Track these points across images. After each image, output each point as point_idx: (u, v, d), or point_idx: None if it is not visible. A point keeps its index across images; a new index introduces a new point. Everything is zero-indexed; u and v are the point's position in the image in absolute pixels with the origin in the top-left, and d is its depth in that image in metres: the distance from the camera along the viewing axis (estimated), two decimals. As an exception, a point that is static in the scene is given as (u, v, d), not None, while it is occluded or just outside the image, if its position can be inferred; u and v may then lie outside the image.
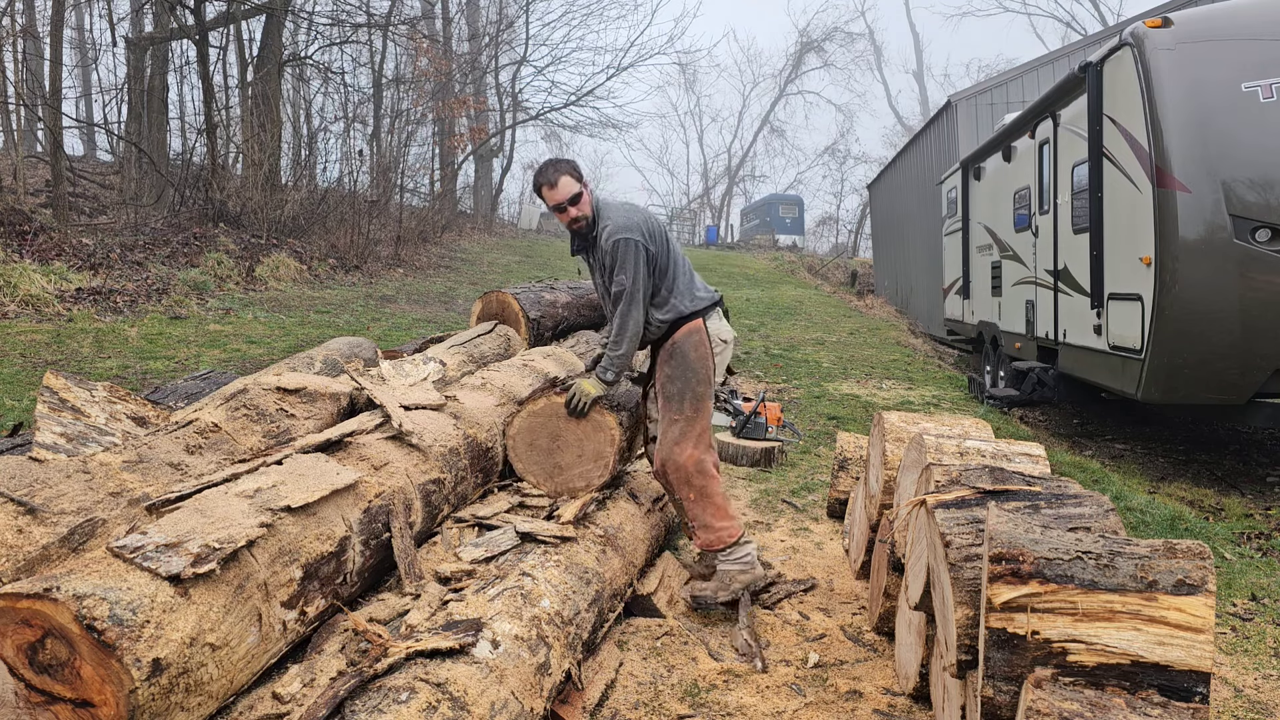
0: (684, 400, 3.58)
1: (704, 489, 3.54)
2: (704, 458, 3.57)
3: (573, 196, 3.54)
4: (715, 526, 3.56)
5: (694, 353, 3.60)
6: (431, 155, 26.97)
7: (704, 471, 3.55)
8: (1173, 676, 2.03)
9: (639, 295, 3.53)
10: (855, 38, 52.43)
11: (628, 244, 3.50)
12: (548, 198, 3.56)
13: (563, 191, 3.53)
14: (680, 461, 3.53)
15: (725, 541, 3.57)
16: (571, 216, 3.57)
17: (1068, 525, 2.41)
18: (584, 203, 3.58)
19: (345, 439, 3.29)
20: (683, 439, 3.55)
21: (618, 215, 3.57)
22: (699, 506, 3.54)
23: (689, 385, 3.58)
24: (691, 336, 3.62)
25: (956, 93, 16.22)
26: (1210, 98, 5.94)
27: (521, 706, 2.39)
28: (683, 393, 3.58)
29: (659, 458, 3.59)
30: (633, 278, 3.51)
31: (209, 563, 2.17)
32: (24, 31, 16.32)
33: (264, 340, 9.38)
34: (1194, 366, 5.96)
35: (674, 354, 3.61)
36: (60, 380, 3.54)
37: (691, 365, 3.59)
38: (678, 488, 3.57)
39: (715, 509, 3.55)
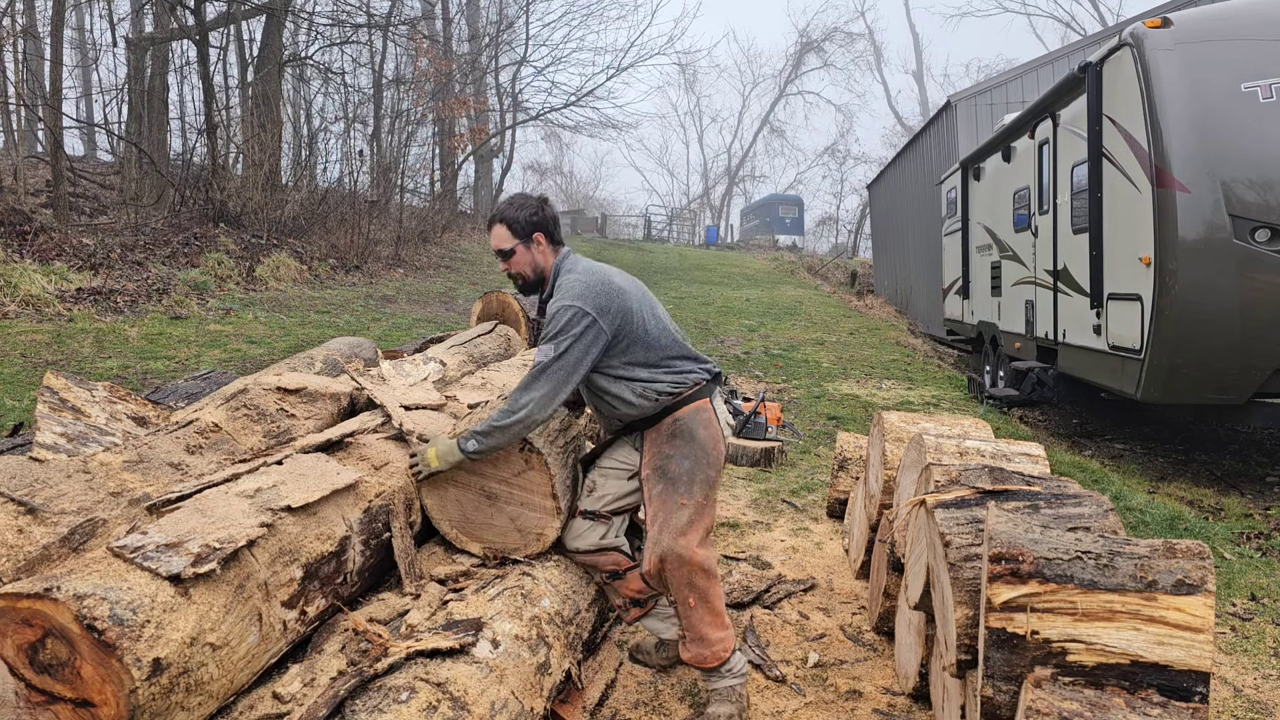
0: (694, 483, 2.88)
1: (706, 593, 2.88)
2: (710, 554, 2.91)
3: (501, 251, 3.01)
4: (712, 639, 2.90)
5: (704, 431, 2.95)
6: (432, 155, 27.00)
7: (709, 571, 2.88)
8: (1172, 676, 2.03)
9: (562, 377, 2.79)
10: (855, 38, 52.50)
11: (568, 312, 2.81)
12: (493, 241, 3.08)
13: (495, 240, 3.03)
14: (687, 556, 2.82)
15: (720, 658, 2.90)
16: (503, 270, 3.06)
17: (1067, 525, 2.41)
18: (518, 261, 3.01)
19: (346, 439, 3.29)
20: (690, 529, 2.84)
21: (576, 282, 2.91)
22: (698, 614, 2.88)
23: (699, 467, 2.91)
24: (700, 414, 2.97)
25: (956, 93, 16.22)
26: (1210, 98, 5.94)
27: (522, 706, 2.39)
28: (693, 474, 2.89)
29: (657, 552, 2.84)
30: (559, 351, 2.79)
31: (209, 562, 2.18)
32: (24, 31, 16.32)
33: (264, 340, 9.38)
34: (1193, 366, 5.96)
35: (678, 432, 2.95)
36: (60, 380, 3.55)
37: (702, 444, 2.94)
38: (677, 589, 2.87)
39: (714, 617, 2.90)
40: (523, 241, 2.98)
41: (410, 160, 23.87)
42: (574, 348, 2.80)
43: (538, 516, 2.98)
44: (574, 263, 3.02)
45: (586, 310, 2.81)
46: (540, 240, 3.00)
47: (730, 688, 2.93)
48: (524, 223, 2.98)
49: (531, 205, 3.02)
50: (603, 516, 3.02)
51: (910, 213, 18.58)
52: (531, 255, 3.00)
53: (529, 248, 2.99)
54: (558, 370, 2.79)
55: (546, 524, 2.97)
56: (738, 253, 34.37)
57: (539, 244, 3.00)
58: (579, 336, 2.80)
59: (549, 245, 3.02)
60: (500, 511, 3.01)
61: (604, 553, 3.04)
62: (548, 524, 2.97)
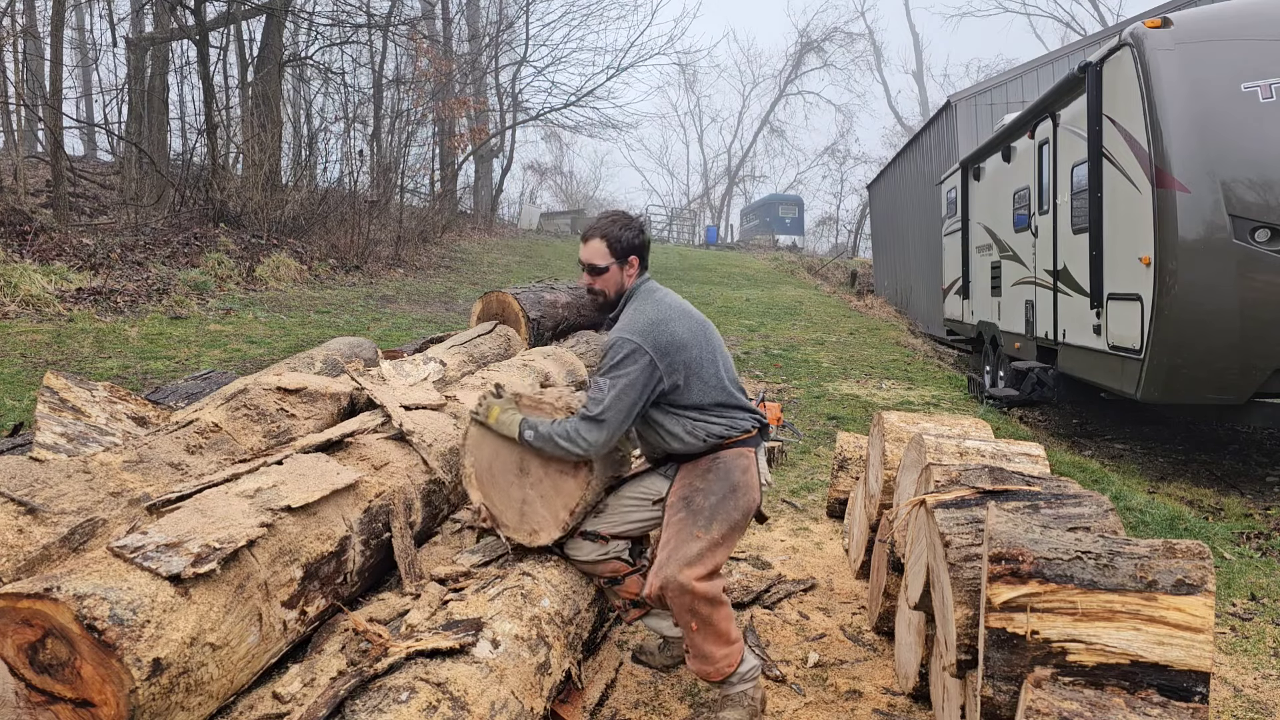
0: (714, 520, 2.84)
1: (709, 618, 2.82)
2: (715, 586, 2.85)
3: (594, 267, 2.98)
4: (715, 657, 2.86)
5: (740, 476, 2.91)
6: (432, 155, 27.02)
7: (713, 599, 2.83)
8: (1172, 676, 2.03)
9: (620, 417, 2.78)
10: (855, 38, 52.46)
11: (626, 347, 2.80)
12: (581, 249, 3.05)
13: (588, 253, 2.99)
14: (689, 587, 2.76)
15: (724, 673, 2.87)
16: (584, 284, 3.05)
17: (1067, 525, 2.41)
18: (607, 280, 2.98)
19: (346, 439, 3.29)
20: (698, 563, 2.78)
21: (642, 316, 2.87)
22: (700, 635, 2.85)
23: (725, 506, 2.86)
24: (741, 460, 2.94)
25: (956, 93, 16.22)
26: (1210, 98, 5.94)
27: (522, 706, 2.39)
28: (715, 512, 2.84)
29: (659, 578, 2.80)
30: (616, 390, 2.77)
31: (209, 562, 2.18)
32: (24, 31, 16.32)
33: (264, 340, 9.38)
34: (1193, 366, 5.96)
35: (715, 468, 2.91)
36: (61, 380, 3.55)
37: (734, 486, 2.89)
38: (678, 614, 2.85)
39: (717, 637, 2.86)
40: (618, 261, 2.96)
41: (410, 160, 23.90)
42: (630, 387, 2.77)
43: (545, 517, 2.96)
44: (649, 291, 2.99)
45: (646, 349, 2.78)
46: (633, 264, 2.99)
47: (742, 693, 2.91)
48: (625, 244, 2.96)
49: (635, 227, 3.00)
50: (603, 538, 3.01)
51: (910, 213, 18.59)
52: (620, 277, 2.98)
53: (621, 269, 2.97)
54: (617, 410, 2.77)
55: (547, 528, 2.97)
56: (738, 253, 34.37)
57: (631, 267, 2.98)
58: (634, 376, 2.77)
59: (637, 270, 3.01)
60: (520, 488, 2.98)
61: (603, 562, 3.04)
62: (548, 529, 2.96)
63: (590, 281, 3.00)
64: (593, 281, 2.99)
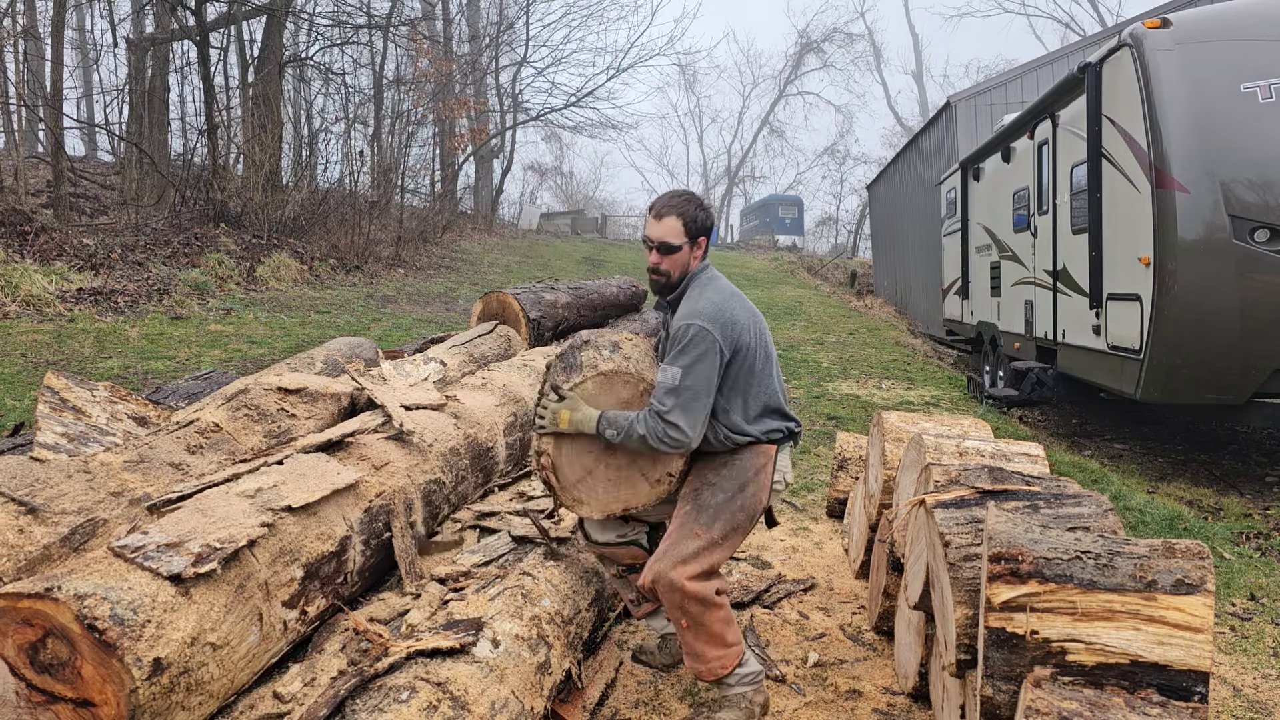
0: (717, 520, 2.79)
1: (700, 618, 2.78)
2: (707, 586, 2.79)
3: (668, 245, 2.85)
4: (707, 657, 2.81)
5: (753, 476, 2.86)
6: (432, 156, 27.03)
7: (704, 600, 2.77)
8: (1172, 676, 2.03)
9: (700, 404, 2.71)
10: (855, 39, 52.52)
11: (694, 330, 2.72)
12: (647, 225, 2.90)
13: (663, 231, 2.85)
14: (678, 585, 2.72)
15: (717, 674, 2.83)
16: (653, 263, 2.89)
17: (1067, 525, 2.41)
18: (676, 260, 2.87)
19: (346, 439, 3.29)
20: (692, 562, 2.74)
21: (710, 302, 2.80)
22: (691, 634, 2.81)
23: (730, 506, 2.81)
24: (758, 459, 2.88)
25: (956, 93, 16.23)
26: (1209, 98, 5.94)
27: (522, 706, 2.39)
28: (720, 511, 2.80)
29: (652, 571, 2.76)
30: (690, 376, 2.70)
31: (210, 562, 2.18)
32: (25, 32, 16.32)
33: (265, 340, 9.39)
34: (1193, 366, 5.96)
35: (729, 465, 2.86)
36: (61, 380, 3.55)
37: (745, 486, 2.84)
38: (669, 610, 2.81)
39: (710, 637, 2.81)
40: (690, 242, 2.88)
41: (410, 161, 23.92)
42: (701, 371, 2.71)
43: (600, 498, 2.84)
44: (711, 276, 2.93)
45: (715, 335, 2.72)
46: (701, 245, 2.92)
47: (740, 695, 2.87)
48: (699, 225, 2.88)
49: (707, 208, 2.95)
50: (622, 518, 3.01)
51: (910, 213, 18.59)
52: (688, 258, 2.90)
53: (691, 250, 2.89)
54: (693, 396, 2.70)
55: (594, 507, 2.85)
56: (738, 253, 34.37)
57: (699, 249, 2.91)
58: (704, 359, 2.71)
59: (704, 253, 2.94)
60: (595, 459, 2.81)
61: (625, 546, 3.03)
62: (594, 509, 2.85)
63: (659, 261, 2.87)
64: (661, 261, 2.87)
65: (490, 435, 4.18)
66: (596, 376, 2.77)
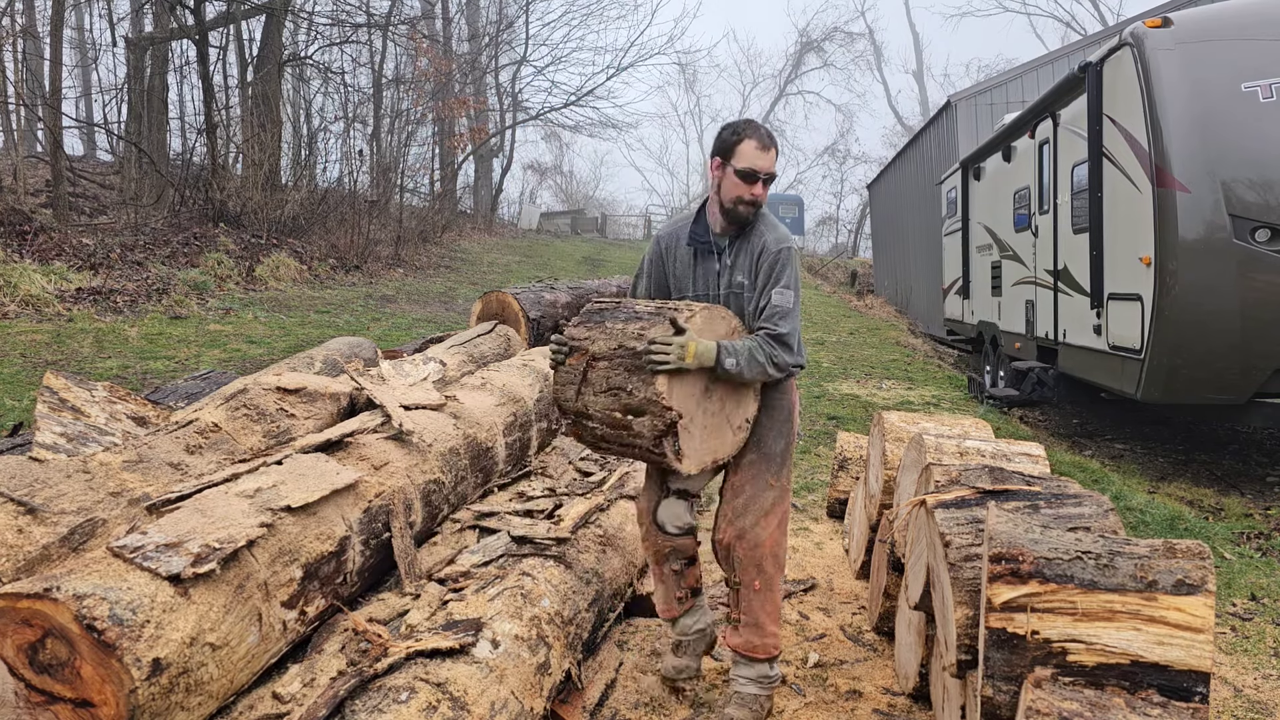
0: (783, 466, 2.83)
1: (772, 580, 2.80)
2: (784, 540, 2.84)
3: (771, 176, 2.81)
4: (767, 629, 2.81)
5: (791, 411, 2.91)
6: (431, 155, 27.03)
7: (779, 560, 2.82)
8: (1172, 676, 2.03)
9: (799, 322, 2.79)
10: (855, 38, 52.33)
11: (790, 252, 2.78)
12: (752, 159, 2.75)
13: (771, 161, 2.79)
14: (764, 539, 2.75)
15: (769, 652, 2.83)
16: (759, 196, 2.79)
17: (1067, 525, 2.41)
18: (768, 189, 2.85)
19: (345, 439, 3.29)
20: (773, 512, 2.78)
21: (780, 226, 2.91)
22: (759, 600, 2.79)
23: (789, 450, 2.85)
24: (791, 392, 2.92)
25: (956, 93, 16.22)
26: (1210, 98, 5.94)
27: (521, 706, 2.39)
28: (784, 457, 2.84)
29: (735, 527, 2.77)
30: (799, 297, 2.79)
31: (209, 562, 2.18)
32: (24, 31, 16.32)
33: (264, 340, 9.38)
34: (1194, 366, 5.96)
35: (776, 406, 2.87)
36: (60, 380, 3.55)
37: (792, 424, 2.89)
38: (744, 569, 2.78)
39: (775, 606, 2.81)
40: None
41: (410, 160, 23.91)
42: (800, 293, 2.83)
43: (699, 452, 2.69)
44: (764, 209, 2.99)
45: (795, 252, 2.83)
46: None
47: (754, 695, 2.85)
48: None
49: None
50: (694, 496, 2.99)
51: (910, 213, 18.59)
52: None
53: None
54: (798, 317, 2.79)
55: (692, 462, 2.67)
56: (738, 252, 34.30)
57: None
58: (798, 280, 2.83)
59: None
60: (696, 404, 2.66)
61: (689, 534, 2.99)
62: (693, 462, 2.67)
63: (757, 194, 2.78)
64: (759, 194, 2.79)
65: (490, 435, 4.18)
66: (702, 310, 2.70)
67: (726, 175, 2.79)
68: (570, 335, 2.72)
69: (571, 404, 2.69)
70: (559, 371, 2.72)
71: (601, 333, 2.68)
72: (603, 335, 2.67)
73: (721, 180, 2.81)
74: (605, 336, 2.67)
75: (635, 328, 2.64)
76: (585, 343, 2.69)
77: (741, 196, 2.78)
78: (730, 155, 2.78)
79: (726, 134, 2.82)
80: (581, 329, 2.74)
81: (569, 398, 2.69)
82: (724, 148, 2.80)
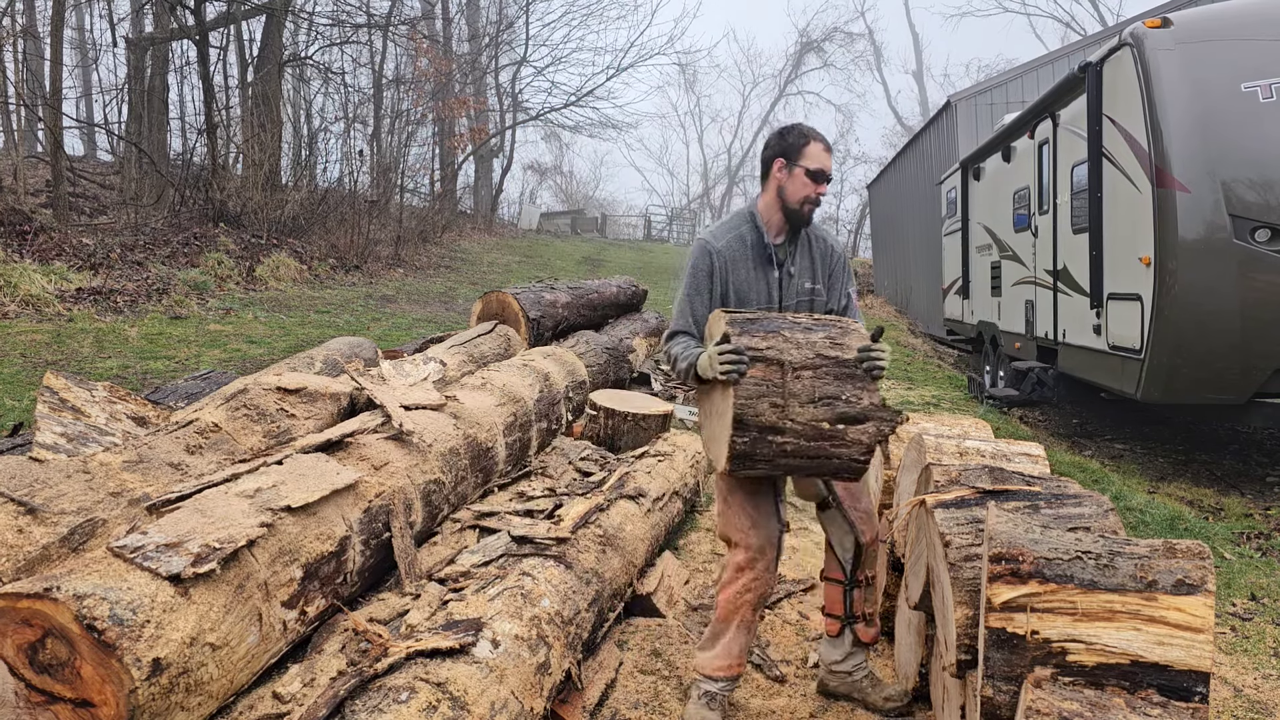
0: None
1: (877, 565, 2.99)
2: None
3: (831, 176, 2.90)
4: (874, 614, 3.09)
5: None
6: (432, 155, 27.03)
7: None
8: (1172, 676, 2.03)
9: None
10: (855, 38, 52.31)
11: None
12: (822, 159, 2.83)
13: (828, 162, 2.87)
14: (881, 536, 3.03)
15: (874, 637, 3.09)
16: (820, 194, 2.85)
17: (1067, 525, 2.41)
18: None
19: (346, 439, 3.29)
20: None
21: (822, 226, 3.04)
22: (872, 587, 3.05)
23: None
24: None
25: (956, 93, 16.22)
26: (1210, 98, 5.94)
27: (521, 706, 2.39)
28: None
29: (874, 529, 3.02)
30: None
31: (209, 562, 2.18)
32: (24, 31, 16.32)
33: (264, 340, 9.38)
34: (1194, 366, 5.96)
35: None
36: (60, 380, 3.55)
37: None
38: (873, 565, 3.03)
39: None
40: None
41: (410, 160, 23.91)
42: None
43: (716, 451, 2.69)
44: None
45: None
46: None
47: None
48: None
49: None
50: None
51: (910, 213, 18.59)
52: None
53: None
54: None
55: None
56: (738, 253, 34.30)
57: None
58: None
59: None
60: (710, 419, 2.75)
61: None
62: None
63: (822, 191, 2.84)
64: (823, 191, 2.85)
65: (490, 435, 4.18)
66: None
67: (794, 176, 2.81)
68: (748, 346, 2.52)
69: (766, 417, 2.50)
70: (743, 384, 2.49)
71: (784, 342, 2.54)
72: (789, 345, 2.54)
73: (785, 182, 2.82)
74: (793, 346, 2.53)
75: (821, 337, 2.57)
76: (770, 352, 2.51)
77: (809, 196, 2.81)
78: (798, 156, 2.81)
79: (792, 137, 2.84)
80: (755, 339, 2.54)
81: (762, 411, 2.49)
82: (790, 149, 2.82)
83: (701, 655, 2.88)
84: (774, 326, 2.58)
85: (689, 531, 4.62)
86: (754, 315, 2.64)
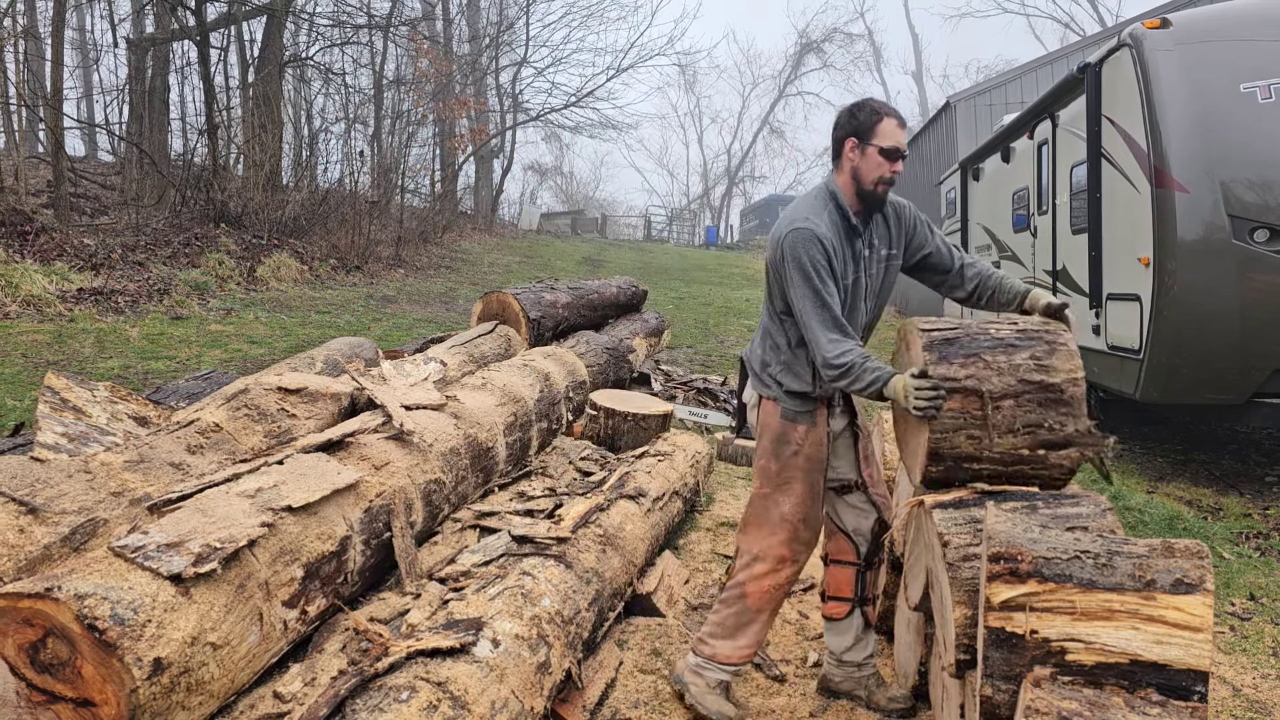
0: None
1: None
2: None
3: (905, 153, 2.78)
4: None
5: None
6: (432, 156, 27.03)
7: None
8: (1171, 675, 2.03)
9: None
10: (854, 39, 52.36)
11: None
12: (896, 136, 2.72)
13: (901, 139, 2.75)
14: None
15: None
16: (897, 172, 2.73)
17: (1066, 525, 2.41)
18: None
19: (346, 439, 3.29)
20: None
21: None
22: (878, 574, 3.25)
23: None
24: None
25: (955, 94, 16.23)
26: (1209, 98, 5.94)
27: (522, 705, 2.40)
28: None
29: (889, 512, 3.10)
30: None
31: (210, 562, 2.18)
32: (25, 32, 16.33)
33: (265, 340, 9.39)
34: (1193, 366, 5.96)
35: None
36: (62, 380, 3.55)
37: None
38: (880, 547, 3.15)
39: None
40: None
41: (411, 161, 23.92)
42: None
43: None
44: None
45: None
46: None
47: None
48: None
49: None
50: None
51: (910, 213, 18.57)
52: None
53: None
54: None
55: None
56: (738, 253, 34.36)
57: None
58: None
59: None
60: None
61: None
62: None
63: (897, 168, 2.73)
64: (898, 168, 2.74)
65: (490, 435, 4.18)
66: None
67: (867, 156, 2.70)
68: (946, 376, 2.42)
69: (962, 449, 2.40)
70: (940, 419, 2.38)
71: (985, 369, 2.40)
72: (990, 372, 2.39)
73: (859, 162, 2.72)
74: (994, 374, 2.39)
75: (1025, 358, 2.41)
76: (969, 381, 2.39)
77: (883, 175, 2.71)
78: (871, 135, 2.70)
79: (863, 114, 2.73)
80: (954, 366, 2.42)
81: (959, 444, 2.39)
82: (862, 128, 2.71)
83: (722, 645, 2.90)
84: (974, 348, 2.42)
85: (689, 531, 4.63)
86: (951, 332, 2.48)
